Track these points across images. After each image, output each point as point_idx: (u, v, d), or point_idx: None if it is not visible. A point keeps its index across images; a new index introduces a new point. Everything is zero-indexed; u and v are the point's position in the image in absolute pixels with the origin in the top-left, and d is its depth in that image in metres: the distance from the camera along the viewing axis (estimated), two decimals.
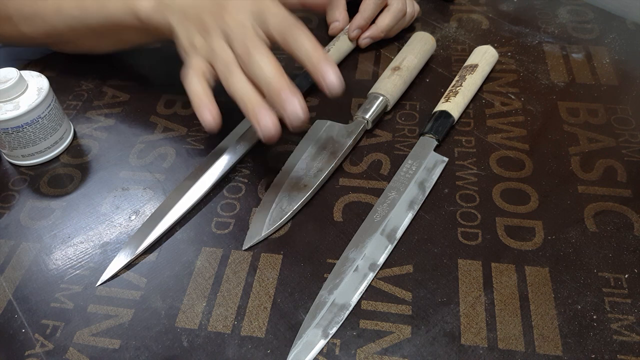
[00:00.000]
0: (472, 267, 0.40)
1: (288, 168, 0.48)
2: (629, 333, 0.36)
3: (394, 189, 0.45)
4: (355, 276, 0.39)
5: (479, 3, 0.69)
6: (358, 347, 0.36)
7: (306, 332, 0.37)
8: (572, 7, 0.67)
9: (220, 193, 0.47)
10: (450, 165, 0.48)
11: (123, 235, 0.44)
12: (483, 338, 0.36)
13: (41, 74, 0.50)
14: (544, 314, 0.37)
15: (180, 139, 0.53)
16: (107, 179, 0.49)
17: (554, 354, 0.35)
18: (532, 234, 0.42)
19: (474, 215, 0.44)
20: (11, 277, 0.42)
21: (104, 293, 0.40)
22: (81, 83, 0.59)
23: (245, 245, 0.43)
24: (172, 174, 0.49)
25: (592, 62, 0.58)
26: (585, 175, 0.46)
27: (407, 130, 0.52)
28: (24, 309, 0.40)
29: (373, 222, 0.43)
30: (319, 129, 0.51)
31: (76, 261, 0.43)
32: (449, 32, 0.64)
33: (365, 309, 0.38)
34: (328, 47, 0.59)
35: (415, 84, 0.56)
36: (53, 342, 0.38)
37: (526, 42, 0.62)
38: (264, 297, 0.39)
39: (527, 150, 0.49)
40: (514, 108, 0.53)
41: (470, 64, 0.55)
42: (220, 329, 0.38)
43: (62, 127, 0.51)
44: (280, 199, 0.45)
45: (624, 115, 0.51)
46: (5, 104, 0.46)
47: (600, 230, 0.42)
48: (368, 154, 0.50)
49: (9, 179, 0.50)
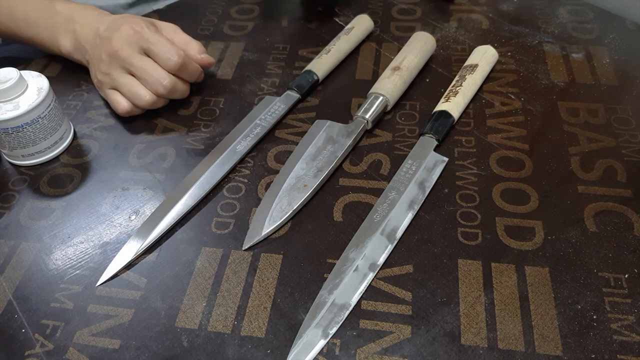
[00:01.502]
0: (472, 267, 0.40)
1: (288, 168, 0.48)
2: (629, 333, 0.36)
3: (394, 189, 0.45)
4: (355, 276, 0.39)
5: (479, 3, 0.69)
6: (358, 347, 0.36)
7: (306, 332, 0.37)
8: (572, 7, 0.67)
9: (220, 193, 0.47)
10: (450, 165, 0.48)
11: (123, 235, 0.44)
12: (483, 338, 0.36)
13: (41, 74, 0.50)
14: (544, 314, 0.37)
15: (180, 139, 0.53)
16: (107, 179, 0.49)
17: (554, 354, 0.35)
18: (532, 234, 0.42)
19: (474, 215, 0.44)
20: (11, 277, 0.42)
21: (104, 293, 0.40)
22: (81, 83, 0.59)
23: (245, 245, 0.43)
24: (172, 174, 0.49)
25: (592, 62, 0.58)
26: (585, 175, 0.46)
27: (407, 130, 0.52)
28: (24, 309, 0.40)
29: (373, 222, 0.43)
30: (319, 129, 0.51)
31: (76, 261, 0.43)
32: (449, 32, 0.64)
33: (365, 309, 0.38)
34: (328, 47, 0.59)
35: (415, 84, 0.56)
36: (53, 342, 0.38)
37: (526, 42, 0.62)
38: (264, 297, 0.39)
39: (527, 150, 0.49)
40: (514, 108, 0.53)
41: (470, 64, 0.55)
42: (220, 329, 0.38)
43: (62, 127, 0.51)
44: (280, 199, 0.45)
45: (624, 115, 0.51)
46: (5, 104, 0.46)
47: (600, 230, 0.42)
48: (368, 154, 0.50)
49: (9, 179, 0.50)
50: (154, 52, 0.51)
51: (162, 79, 0.51)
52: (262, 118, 0.53)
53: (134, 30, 0.51)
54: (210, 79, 0.60)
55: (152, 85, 0.51)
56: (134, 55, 0.51)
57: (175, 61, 0.51)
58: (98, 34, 0.53)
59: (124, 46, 0.50)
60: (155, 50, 0.51)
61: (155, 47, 0.51)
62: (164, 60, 0.51)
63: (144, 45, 0.51)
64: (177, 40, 0.55)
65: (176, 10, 0.71)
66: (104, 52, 0.51)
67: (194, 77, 0.54)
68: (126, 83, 0.51)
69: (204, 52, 0.55)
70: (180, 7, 0.72)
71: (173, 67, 0.51)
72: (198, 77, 0.55)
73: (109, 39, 0.51)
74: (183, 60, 0.51)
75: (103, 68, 0.52)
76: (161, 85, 0.51)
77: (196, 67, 0.54)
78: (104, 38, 0.52)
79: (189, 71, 0.53)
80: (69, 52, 0.58)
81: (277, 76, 0.59)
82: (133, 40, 0.51)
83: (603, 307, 0.37)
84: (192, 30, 0.66)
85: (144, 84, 0.51)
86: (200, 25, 0.68)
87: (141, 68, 0.50)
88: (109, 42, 0.51)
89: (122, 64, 0.51)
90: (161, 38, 0.51)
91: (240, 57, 0.62)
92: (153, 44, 0.51)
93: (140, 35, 0.51)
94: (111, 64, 0.51)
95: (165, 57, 0.51)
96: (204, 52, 0.55)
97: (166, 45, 0.51)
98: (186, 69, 0.52)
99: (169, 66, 0.51)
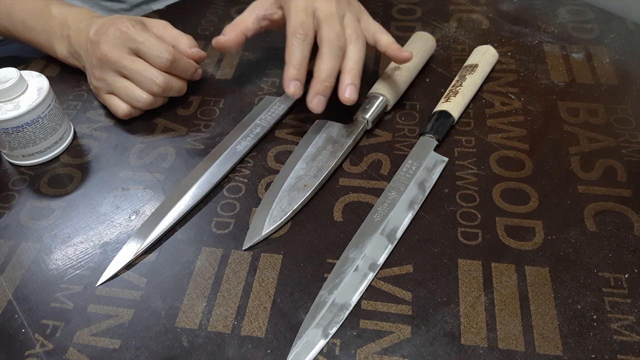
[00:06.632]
0: (472, 267, 0.40)
1: (288, 168, 0.48)
2: (629, 333, 0.36)
3: (394, 188, 0.45)
4: (355, 276, 0.39)
5: (479, 3, 0.69)
6: (358, 347, 0.36)
7: (306, 332, 0.37)
8: (572, 7, 0.67)
9: (220, 193, 0.47)
10: (450, 165, 0.48)
11: (123, 235, 0.44)
12: (483, 338, 0.36)
13: (41, 74, 0.50)
14: (544, 314, 0.37)
15: (180, 139, 0.53)
16: (107, 179, 0.49)
17: (554, 354, 0.35)
18: (532, 234, 0.42)
19: (474, 215, 0.44)
20: (11, 277, 0.42)
21: (104, 293, 0.40)
22: (81, 83, 0.59)
23: (245, 245, 0.43)
24: (172, 174, 0.49)
25: (592, 62, 0.58)
26: (585, 175, 0.46)
27: (407, 130, 0.52)
28: (24, 309, 0.40)
29: (373, 222, 0.43)
30: (319, 129, 0.51)
31: (76, 261, 0.43)
32: (449, 32, 0.64)
33: (365, 309, 0.38)
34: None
35: (415, 84, 0.56)
36: (53, 342, 0.38)
37: (526, 42, 0.62)
38: (264, 297, 0.39)
39: (527, 150, 0.49)
40: (514, 108, 0.53)
41: (470, 63, 0.55)
42: (220, 329, 0.38)
43: (62, 127, 0.51)
44: (280, 199, 0.45)
45: (624, 115, 0.51)
46: (5, 104, 0.46)
47: (600, 230, 0.42)
48: (368, 154, 0.50)
49: (9, 179, 0.50)
50: (143, 51, 0.50)
51: (155, 78, 0.50)
52: (262, 118, 0.53)
53: (121, 32, 0.50)
54: (210, 79, 0.60)
55: (146, 85, 0.51)
56: (124, 57, 0.50)
57: (166, 58, 0.50)
58: (88, 38, 0.52)
59: (113, 49, 0.50)
60: (145, 50, 0.50)
61: (144, 46, 0.50)
62: (154, 59, 0.50)
63: (133, 46, 0.50)
64: (167, 36, 0.54)
65: (176, 11, 0.71)
66: (95, 57, 0.51)
67: (188, 72, 0.53)
68: (121, 86, 0.51)
69: (195, 46, 0.54)
70: (180, 7, 0.72)
71: (164, 64, 0.51)
72: (195, 73, 0.54)
73: (97, 43, 0.51)
74: (173, 56, 0.51)
75: (97, 74, 0.52)
76: (155, 84, 0.51)
77: (189, 63, 0.53)
78: (93, 42, 0.51)
79: (182, 67, 0.52)
80: (65, 57, 0.58)
81: (277, 76, 0.59)
82: (121, 42, 0.50)
83: (603, 307, 0.37)
84: (192, 30, 0.66)
85: (138, 84, 0.51)
86: (200, 26, 0.68)
87: (133, 69, 0.50)
88: (97, 46, 0.50)
89: (114, 67, 0.51)
90: (149, 36, 0.51)
91: (240, 57, 0.62)
92: (142, 44, 0.50)
93: (128, 36, 0.50)
94: (103, 69, 0.51)
95: (155, 55, 0.50)
96: (195, 46, 0.54)
97: (155, 43, 0.50)
98: (178, 65, 0.52)
99: (160, 64, 0.51)
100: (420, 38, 0.58)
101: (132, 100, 0.51)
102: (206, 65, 0.61)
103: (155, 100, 0.52)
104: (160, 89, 0.51)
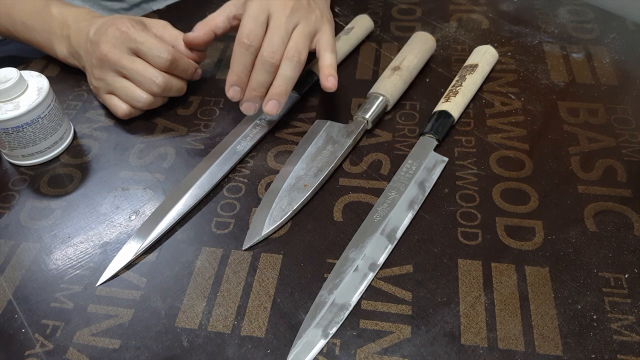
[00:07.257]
0: (472, 267, 0.40)
1: (288, 168, 0.48)
2: (629, 333, 0.36)
3: (394, 188, 0.45)
4: (355, 276, 0.39)
5: (479, 3, 0.69)
6: (358, 347, 0.36)
7: (306, 332, 0.37)
8: (572, 7, 0.67)
9: (220, 193, 0.47)
10: (450, 165, 0.48)
11: (123, 235, 0.44)
12: (483, 338, 0.36)
13: (41, 74, 0.50)
14: (544, 314, 0.37)
15: (180, 139, 0.53)
16: (107, 179, 0.49)
17: (554, 353, 0.35)
18: (532, 234, 0.42)
19: (474, 215, 0.44)
20: (11, 277, 0.42)
21: (104, 293, 0.40)
22: (81, 83, 0.59)
23: (245, 245, 0.43)
24: (172, 174, 0.49)
25: (592, 62, 0.58)
26: (585, 175, 0.46)
27: (407, 130, 0.52)
28: (24, 309, 0.40)
29: (373, 222, 0.43)
30: (319, 129, 0.51)
31: (76, 261, 0.43)
32: (449, 32, 0.64)
33: (365, 309, 0.38)
34: None
35: (415, 84, 0.56)
36: (53, 342, 0.38)
37: (526, 42, 0.62)
38: (264, 297, 0.39)
39: (527, 150, 0.49)
40: (514, 108, 0.53)
41: (470, 63, 0.55)
42: (220, 328, 0.38)
43: (62, 127, 0.51)
44: (280, 199, 0.45)
45: (624, 115, 0.51)
46: (5, 104, 0.46)
47: (600, 230, 0.42)
48: (368, 154, 0.50)
49: (9, 179, 0.50)
50: (143, 51, 0.50)
51: (154, 78, 0.50)
52: (262, 118, 0.53)
53: (120, 32, 0.50)
54: (210, 79, 0.60)
55: (146, 85, 0.51)
56: (124, 57, 0.50)
57: (166, 58, 0.50)
58: (88, 38, 0.52)
59: (112, 49, 0.50)
60: (144, 50, 0.50)
61: (143, 46, 0.50)
62: (154, 59, 0.50)
63: (132, 46, 0.50)
64: (167, 36, 0.54)
65: (176, 11, 0.71)
66: (94, 57, 0.51)
67: (188, 72, 0.53)
68: (121, 86, 0.51)
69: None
70: (180, 7, 0.72)
71: (164, 64, 0.51)
72: (194, 73, 0.54)
73: (97, 43, 0.51)
74: (173, 56, 0.51)
75: (96, 74, 0.52)
76: (154, 84, 0.51)
77: (189, 62, 0.53)
78: (93, 42, 0.51)
79: (182, 67, 0.52)
80: (65, 57, 0.58)
81: None
82: (120, 42, 0.50)
83: (603, 307, 0.37)
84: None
85: (138, 84, 0.51)
86: None
87: (132, 69, 0.50)
88: (97, 46, 0.50)
89: (113, 67, 0.50)
90: (149, 36, 0.51)
91: None
92: (141, 44, 0.50)
93: (127, 36, 0.50)
94: (103, 69, 0.51)
95: (155, 55, 0.50)
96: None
97: (155, 43, 0.50)
98: (178, 64, 0.52)
99: (160, 64, 0.51)
100: (420, 38, 0.58)
101: (132, 100, 0.51)
102: (206, 65, 0.61)
103: (155, 100, 0.52)
104: (160, 89, 0.51)
